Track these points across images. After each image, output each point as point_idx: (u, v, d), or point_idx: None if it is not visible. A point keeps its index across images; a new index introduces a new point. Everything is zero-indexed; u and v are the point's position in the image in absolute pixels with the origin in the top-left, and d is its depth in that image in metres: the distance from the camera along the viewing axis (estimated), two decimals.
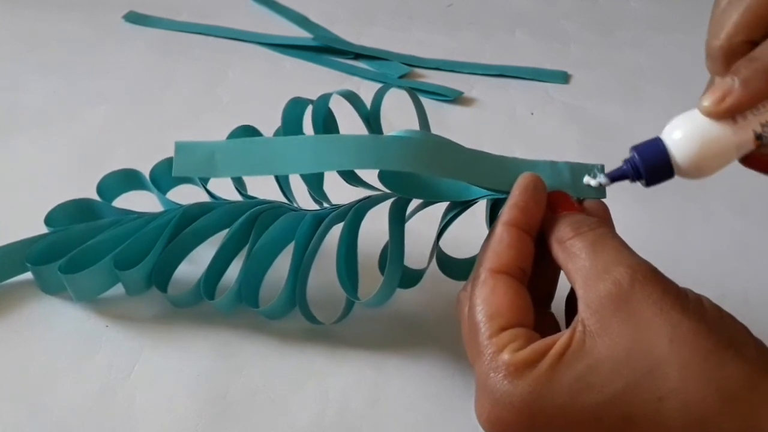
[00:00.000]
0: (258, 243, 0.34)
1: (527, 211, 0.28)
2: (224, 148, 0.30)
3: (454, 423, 0.31)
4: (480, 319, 0.26)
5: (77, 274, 0.34)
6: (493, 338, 0.25)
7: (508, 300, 0.26)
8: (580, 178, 0.30)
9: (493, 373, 0.24)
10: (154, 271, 0.35)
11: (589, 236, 0.26)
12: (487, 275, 0.26)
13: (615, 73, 0.59)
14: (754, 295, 0.38)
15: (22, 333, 0.34)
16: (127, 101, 0.53)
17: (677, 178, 0.28)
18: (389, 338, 0.34)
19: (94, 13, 0.66)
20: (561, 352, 0.23)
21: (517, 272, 0.27)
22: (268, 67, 0.59)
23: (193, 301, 0.35)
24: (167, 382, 0.32)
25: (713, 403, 0.22)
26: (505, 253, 0.27)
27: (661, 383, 0.22)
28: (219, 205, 0.36)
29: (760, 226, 0.43)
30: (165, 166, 0.38)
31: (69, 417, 0.30)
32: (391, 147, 0.29)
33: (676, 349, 0.22)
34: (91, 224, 0.36)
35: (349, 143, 0.30)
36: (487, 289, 0.26)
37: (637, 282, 0.24)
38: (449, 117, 0.52)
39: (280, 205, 0.36)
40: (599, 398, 0.23)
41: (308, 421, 0.31)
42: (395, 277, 0.33)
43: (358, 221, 0.34)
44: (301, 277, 0.33)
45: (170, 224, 0.35)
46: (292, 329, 0.35)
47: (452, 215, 0.32)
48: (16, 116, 0.51)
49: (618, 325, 0.23)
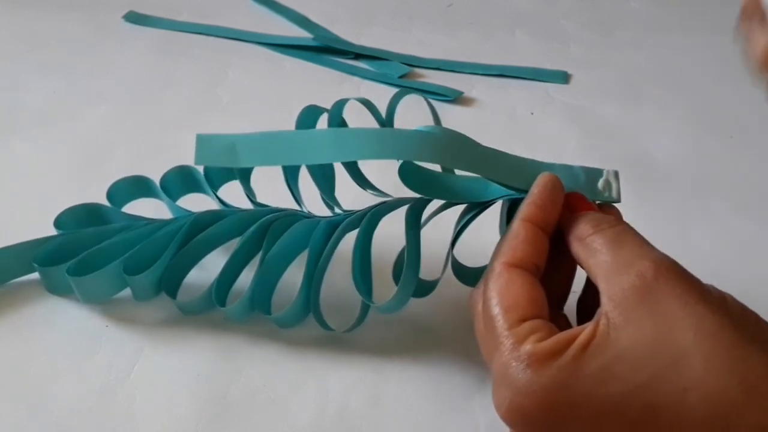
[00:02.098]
0: (271, 250, 0.34)
1: (544, 208, 0.28)
2: (245, 139, 0.31)
3: (455, 423, 0.31)
4: (497, 312, 0.26)
5: (85, 276, 0.33)
6: (513, 329, 0.25)
7: (525, 292, 0.26)
8: (595, 182, 0.31)
9: (516, 363, 0.24)
10: (163, 278, 0.34)
11: (609, 233, 0.26)
12: (503, 268, 0.27)
13: (615, 73, 0.59)
14: (754, 295, 0.37)
15: (22, 333, 0.34)
16: (127, 101, 0.53)
17: (683, 175, 0.28)
18: (389, 338, 0.34)
19: (94, 13, 0.66)
20: (585, 343, 0.23)
21: (531, 267, 0.27)
22: (268, 67, 0.59)
23: (203, 308, 0.35)
24: (167, 382, 0.32)
25: (736, 395, 0.22)
26: (520, 247, 0.27)
27: (685, 374, 0.22)
28: (231, 213, 0.36)
29: (760, 226, 0.43)
30: (175, 173, 0.38)
31: (69, 417, 0.30)
32: (412, 139, 0.30)
33: (700, 341, 0.22)
34: (100, 228, 0.35)
35: (371, 134, 0.30)
36: (502, 282, 0.26)
37: (662, 275, 0.24)
38: (449, 117, 0.52)
39: (293, 212, 0.35)
40: (624, 388, 0.23)
41: (308, 421, 0.31)
42: (412, 282, 0.32)
43: (373, 227, 0.34)
44: (315, 283, 0.33)
45: (181, 231, 0.35)
46: (292, 329, 0.35)
47: (467, 219, 0.32)
48: (16, 116, 0.51)
49: (643, 317, 0.23)
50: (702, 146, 0.50)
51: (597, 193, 0.31)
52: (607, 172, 0.31)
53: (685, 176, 0.47)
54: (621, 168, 0.33)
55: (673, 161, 0.48)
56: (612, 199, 0.31)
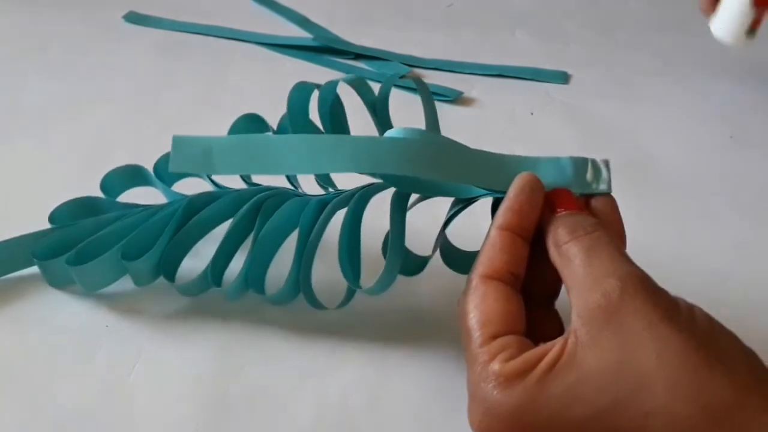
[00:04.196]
0: (263, 229, 0.34)
1: (521, 214, 0.27)
2: (221, 144, 0.30)
3: (455, 423, 0.31)
4: (472, 326, 0.26)
5: (84, 265, 0.34)
6: (484, 346, 0.25)
7: (499, 307, 0.26)
8: (584, 173, 0.30)
9: (484, 383, 0.24)
10: (161, 262, 0.35)
11: (584, 241, 0.26)
12: (478, 282, 0.27)
13: (615, 73, 0.59)
14: (754, 295, 0.38)
15: (22, 333, 0.34)
16: (127, 101, 0.53)
17: (683, 175, 0.28)
18: (390, 338, 0.34)
19: (94, 13, 0.66)
20: (552, 363, 0.23)
21: (508, 278, 0.27)
22: (268, 67, 0.59)
23: (200, 289, 0.35)
24: (167, 382, 0.32)
25: (700, 422, 0.21)
26: (497, 258, 0.27)
27: (648, 399, 0.22)
28: (224, 193, 0.36)
29: (760, 226, 0.43)
30: (167, 159, 0.38)
31: (69, 417, 0.30)
32: (388, 150, 0.29)
33: (664, 364, 0.22)
34: (97, 219, 0.36)
35: (346, 146, 0.30)
36: (478, 296, 0.26)
37: (627, 294, 0.23)
38: (449, 117, 0.52)
39: (284, 191, 0.36)
40: (587, 412, 0.22)
41: (308, 421, 0.31)
42: (395, 266, 0.33)
43: (362, 207, 0.34)
44: (305, 262, 0.34)
45: (176, 214, 0.35)
46: (292, 329, 0.35)
47: (457, 209, 0.32)
48: (16, 116, 0.51)
49: (607, 339, 0.23)
50: (702, 146, 0.50)
51: (586, 185, 0.30)
52: (594, 161, 0.30)
53: (685, 176, 0.47)
54: (621, 168, 0.32)
55: (673, 161, 0.48)
56: (602, 191, 0.30)
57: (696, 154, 0.49)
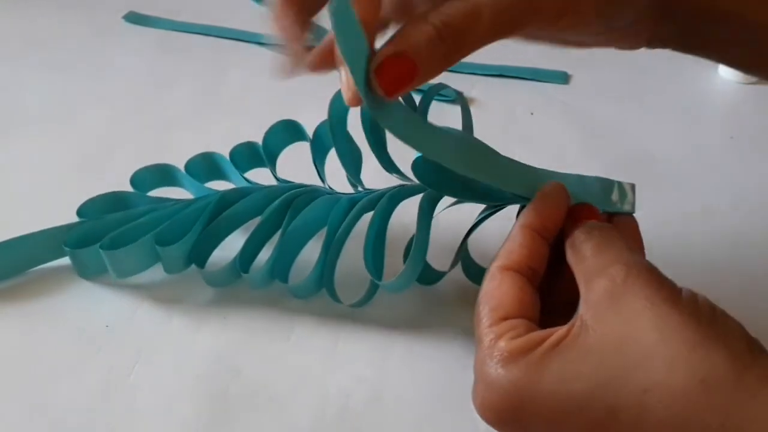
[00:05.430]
0: (293, 224, 0.35)
1: (544, 214, 0.28)
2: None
3: (455, 423, 0.31)
4: (483, 309, 0.26)
5: (118, 250, 0.34)
6: (493, 327, 0.25)
7: (512, 294, 0.26)
8: (609, 193, 0.31)
9: (489, 359, 0.24)
10: (193, 250, 0.36)
11: (597, 237, 0.27)
12: (495, 271, 0.27)
13: (615, 73, 0.59)
14: (754, 295, 0.38)
15: (22, 333, 0.34)
16: (128, 101, 0.53)
17: (683, 175, 0.28)
18: (390, 338, 0.34)
19: (94, 13, 0.66)
20: (556, 343, 0.24)
21: (526, 270, 0.27)
22: (268, 67, 0.59)
23: (227, 278, 0.36)
24: (167, 382, 0.32)
25: (697, 396, 0.22)
26: (516, 251, 0.27)
27: (647, 375, 0.22)
28: (256, 189, 0.37)
29: (760, 226, 0.43)
30: (199, 160, 0.39)
31: (69, 417, 0.30)
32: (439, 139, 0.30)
33: (663, 341, 0.22)
34: (128, 212, 0.37)
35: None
36: (493, 284, 0.27)
37: (631, 277, 0.24)
38: (449, 117, 0.52)
39: (315, 188, 0.37)
40: (586, 387, 0.23)
41: (308, 421, 0.31)
42: (418, 265, 0.33)
43: (391, 208, 0.35)
44: (331, 257, 0.34)
45: (209, 207, 0.36)
46: (292, 329, 0.35)
47: (482, 217, 0.33)
48: (16, 116, 0.51)
49: (611, 318, 0.24)
50: (702, 146, 0.50)
51: (611, 204, 0.31)
52: (620, 183, 0.31)
53: (685, 176, 0.47)
54: (621, 168, 0.33)
55: (673, 161, 0.48)
56: (626, 210, 0.31)
57: (696, 154, 0.49)
